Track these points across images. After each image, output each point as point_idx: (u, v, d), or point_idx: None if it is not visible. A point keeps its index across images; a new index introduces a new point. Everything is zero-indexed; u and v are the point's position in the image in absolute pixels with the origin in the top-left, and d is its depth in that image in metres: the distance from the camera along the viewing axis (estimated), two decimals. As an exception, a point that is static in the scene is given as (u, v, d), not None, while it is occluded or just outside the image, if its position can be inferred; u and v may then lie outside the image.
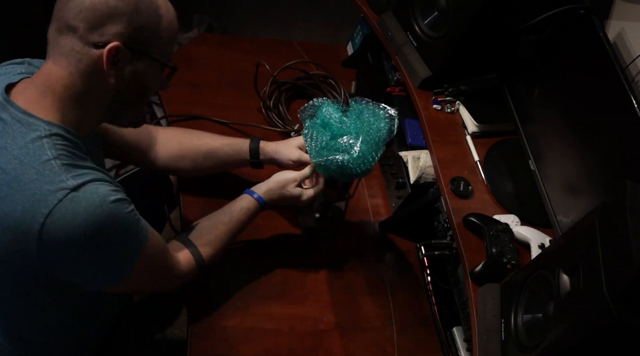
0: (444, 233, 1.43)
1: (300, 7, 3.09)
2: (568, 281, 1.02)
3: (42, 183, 0.91)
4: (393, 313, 1.43)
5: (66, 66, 0.98)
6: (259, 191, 1.31)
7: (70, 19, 0.95)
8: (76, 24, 0.95)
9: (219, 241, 1.25)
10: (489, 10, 1.38)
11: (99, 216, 0.93)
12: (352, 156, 1.23)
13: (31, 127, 0.95)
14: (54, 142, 0.94)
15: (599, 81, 1.25)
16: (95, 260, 0.98)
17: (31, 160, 0.92)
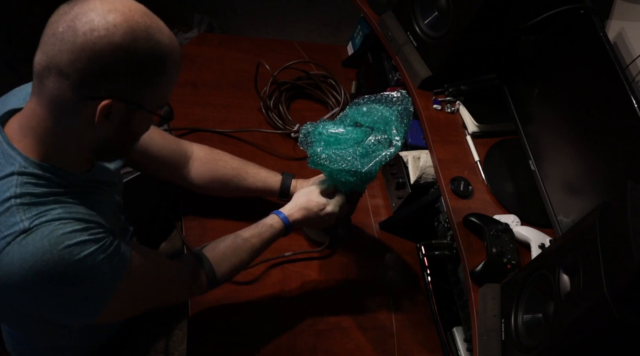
0: (444, 233, 1.43)
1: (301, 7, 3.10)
2: (568, 281, 1.02)
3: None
4: (393, 313, 1.43)
5: (51, 110, 0.89)
6: (284, 210, 1.28)
7: (64, 65, 0.84)
8: (70, 72, 0.84)
9: (235, 257, 1.21)
10: (489, 10, 1.38)
11: (47, 262, 0.87)
12: (397, 146, 1.22)
13: (9, 160, 0.90)
14: (24, 180, 0.89)
15: (599, 81, 1.25)
16: (54, 303, 0.93)
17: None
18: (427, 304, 1.45)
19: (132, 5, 0.86)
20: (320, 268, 1.45)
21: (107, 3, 0.85)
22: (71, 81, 0.85)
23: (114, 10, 0.84)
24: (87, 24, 0.83)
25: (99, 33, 0.83)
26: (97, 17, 0.83)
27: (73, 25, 0.84)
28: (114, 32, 0.83)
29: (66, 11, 0.86)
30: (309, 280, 1.42)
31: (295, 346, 1.31)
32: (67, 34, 0.84)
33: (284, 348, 1.30)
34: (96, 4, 0.84)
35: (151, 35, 0.86)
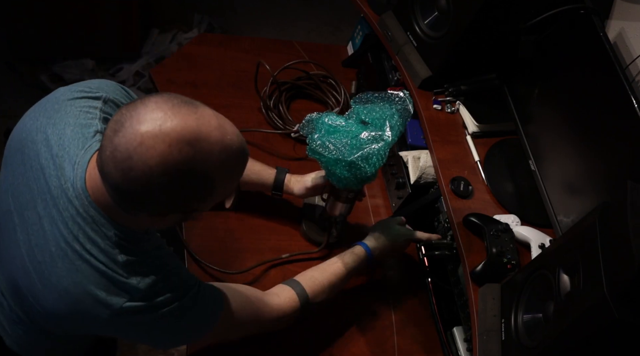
0: (444, 233, 1.43)
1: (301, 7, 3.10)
2: (568, 281, 1.02)
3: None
4: (393, 313, 1.43)
5: (113, 204, 0.93)
6: (366, 241, 1.36)
7: (110, 185, 0.88)
8: (116, 193, 0.88)
9: (323, 277, 1.27)
10: (489, 10, 1.38)
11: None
12: (387, 142, 1.23)
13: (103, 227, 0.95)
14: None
15: (599, 80, 1.25)
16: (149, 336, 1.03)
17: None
18: (427, 304, 1.45)
19: (175, 136, 0.83)
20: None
21: (147, 138, 0.82)
22: (121, 201, 0.89)
23: (152, 148, 0.82)
24: (125, 162, 0.83)
25: (136, 174, 0.83)
26: (136, 157, 0.82)
27: (114, 158, 0.84)
28: (151, 174, 0.83)
29: (110, 136, 0.85)
30: (309, 280, 1.42)
31: (296, 347, 1.31)
32: (113, 161, 0.84)
33: (284, 348, 1.30)
34: (136, 138, 0.83)
35: (193, 166, 0.85)
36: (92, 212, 0.93)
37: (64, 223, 0.94)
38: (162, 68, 1.74)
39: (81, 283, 0.94)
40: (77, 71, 2.50)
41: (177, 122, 0.83)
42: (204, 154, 0.85)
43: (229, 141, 0.88)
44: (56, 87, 1.03)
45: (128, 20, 2.52)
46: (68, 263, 0.94)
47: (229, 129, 0.90)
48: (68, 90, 1.04)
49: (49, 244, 0.95)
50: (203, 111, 0.87)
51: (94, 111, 1.02)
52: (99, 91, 1.05)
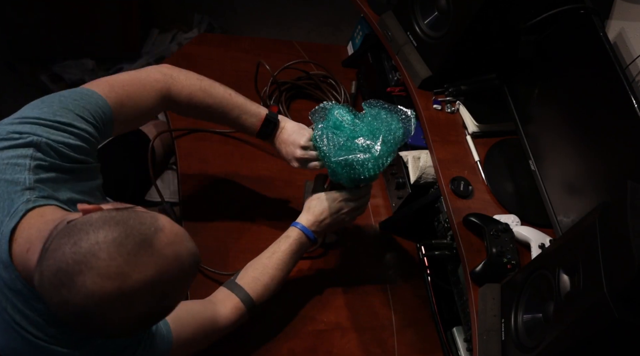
0: (444, 233, 1.43)
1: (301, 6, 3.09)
2: (568, 281, 1.02)
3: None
4: (393, 313, 1.43)
5: None
6: (300, 220, 1.30)
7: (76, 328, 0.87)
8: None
9: (265, 276, 1.23)
10: (489, 10, 1.38)
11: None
12: (374, 155, 1.21)
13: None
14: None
15: (599, 80, 1.25)
16: None
17: None
18: (427, 304, 1.45)
19: (137, 293, 0.80)
20: (320, 268, 1.45)
21: (107, 300, 0.78)
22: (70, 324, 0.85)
23: (113, 310, 0.79)
24: (80, 315, 0.79)
25: (93, 325, 0.81)
26: (93, 314, 0.79)
27: (65, 309, 0.80)
28: (112, 325, 0.81)
29: (57, 286, 0.79)
30: (309, 280, 1.42)
31: (296, 347, 1.31)
32: (63, 311, 0.80)
33: (284, 348, 1.30)
34: (93, 298, 0.78)
35: (157, 308, 0.84)
36: (19, 286, 0.89)
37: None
38: (162, 68, 1.74)
39: (15, 350, 0.92)
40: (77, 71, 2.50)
41: (136, 277, 0.79)
42: (166, 293, 0.83)
43: (188, 268, 0.86)
44: (56, 87, 1.02)
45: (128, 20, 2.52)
46: (2, 329, 0.92)
47: (184, 253, 0.85)
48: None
49: None
50: (159, 243, 0.82)
51: (23, 162, 0.92)
52: (29, 135, 0.94)
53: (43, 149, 0.94)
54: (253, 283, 1.22)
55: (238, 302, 1.20)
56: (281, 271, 1.26)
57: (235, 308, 1.20)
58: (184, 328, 1.09)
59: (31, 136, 0.93)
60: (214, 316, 1.17)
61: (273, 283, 1.24)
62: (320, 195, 1.31)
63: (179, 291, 0.87)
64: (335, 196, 1.30)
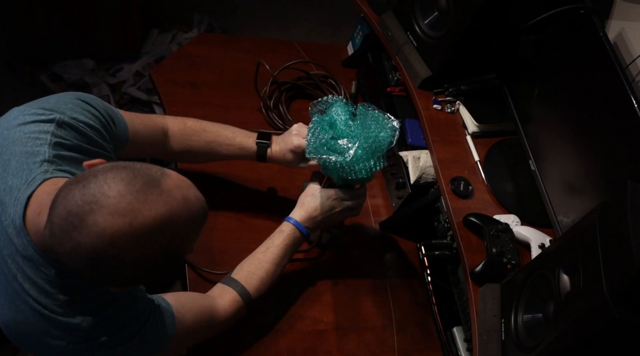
0: (444, 233, 1.43)
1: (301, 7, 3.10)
2: (568, 281, 1.02)
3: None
4: (393, 313, 1.43)
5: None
6: (293, 215, 1.31)
7: (77, 268, 0.84)
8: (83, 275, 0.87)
9: (260, 270, 1.25)
10: (489, 10, 1.38)
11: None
12: (345, 160, 1.21)
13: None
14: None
15: (599, 80, 1.25)
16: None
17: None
18: (427, 304, 1.45)
19: (147, 231, 0.80)
20: (320, 268, 1.45)
21: (118, 238, 0.79)
22: (80, 277, 0.88)
23: (125, 249, 0.80)
24: (93, 259, 0.80)
25: (106, 268, 0.81)
26: (106, 255, 0.79)
27: (77, 254, 0.80)
28: (125, 266, 0.81)
29: (69, 230, 0.80)
30: (309, 280, 1.42)
31: (296, 347, 1.31)
32: (76, 256, 0.80)
33: (284, 348, 1.30)
34: (104, 237, 0.79)
35: (167, 250, 0.84)
36: (30, 251, 0.89)
37: (4, 260, 0.91)
38: (162, 68, 1.74)
39: (22, 323, 0.92)
40: (77, 70, 2.50)
41: (147, 214, 0.80)
42: (176, 235, 0.84)
43: (196, 212, 0.87)
44: (56, 87, 1.02)
45: (128, 20, 2.52)
46: (10, 300, 0.92)
47: (192, 197, 0.87)
48: (20, 113, 0.99)
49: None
50: (166, 184, 0.83)
51: (44, 137, 0.95)
52: (53, 113, 0.98)
53: (65, 127, 0.97)
54: (249, 277, 1.23)
55: (235, 295, 1.21)
56: (276, 265, 1.26)
57: (233, 301, 1.20)
58: (185, 314, 1.10)
59: (55, 113, 0.97)
60: (213, 307, 1.18)
61: (268, 276, 1.25)
62: (314, 191, 1.31)
63: (188, 237, 0.87)
64: (329, 194, 1.30)
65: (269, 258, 1.26)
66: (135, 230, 0.79)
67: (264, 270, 1.25)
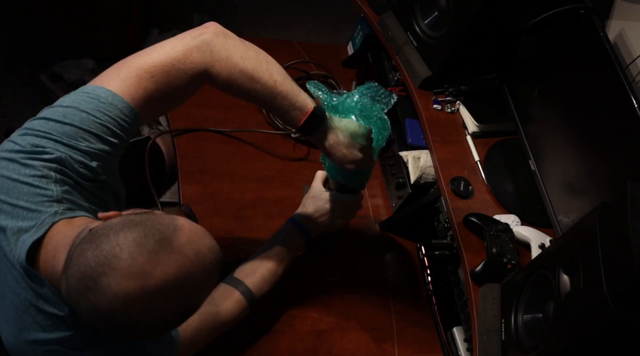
0: (444, 233, 1.43)
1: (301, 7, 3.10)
2: (568, 281, 1.02)
3: None
4: (393, 313, 1.43)
5: None
6: (295, 215, 1.31)
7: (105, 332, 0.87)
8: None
9: (262, 268, 1.25)
10: (489, 10, 1.38)
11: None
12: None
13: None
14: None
15: (599, 80, 1.25)
16: None
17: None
18: (427, 304, 1.45)
19: (160, 292, 0.80)
20: (319, 268, 1.45)
21: (132, 299, 0.79)
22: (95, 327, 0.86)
23: (140, 309, 0.79)
24: (108, 319, 0.80)
25: (122, 327, 0.81)
26: (121, 315, 0.80)
27: (93, 314, 0.81)
28: (140, 325, 0.81)
29: (83, 291, 0.80)
30: (309, 280, 1.42)
31: (296, 347, 1.31)
32: (93, 316, 0.81)
33: (284, 348, 1.30)
34: (118, 299, 0.79)
35: (182, 307, 0.84)
36: (44, 291, 0.90)
37: (16, 295, 0.91)
38: (162, 68, 1.73)
39: (32, 352, 0.93)
40: (77, 71, 2.50)
41: (158, 276, 0.79)
42: (190, 293, 0.84)
43: (209, 265, 0.86)
44: (56, 87, 0.99)
45: (128, 20, 2.52)
46: (20, 326, 0.92)
47: (205, 250, 0.85)
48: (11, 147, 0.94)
49: (6, 299, 0.93)
50: (178, 241, 0.82)
51: (49, 173, 0.92)
52: (54, 151, 0.93)
53: (67, 166, 0.94)
54: (252, 276, 1.24)
55: (238, 295, 1.21)
56: (278, 264, 1.27)
57: (236, 302, 1.21)
58: (188, 324, 1.08)
59: (56, 152, 0.93)
60: (215, 311, 1.18)
61: (271, 275, 1.25)
62: (315, 194, 1.32)
63: (202, 289, 0.87)
64: (329, 197, 1.31)
65: (271, 257, 1.26)
66: (148, 292, 0.79)
67: (266, 269, 1.25)
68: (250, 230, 1.45)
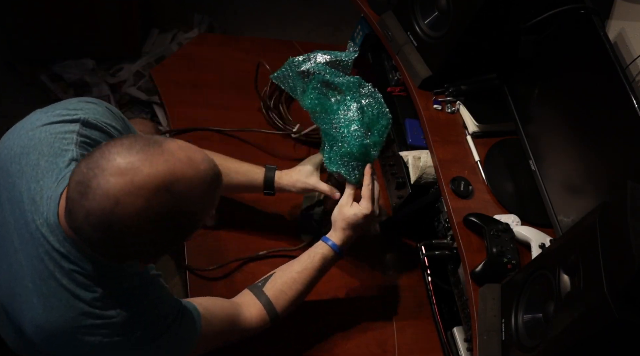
0: (444, 233, 1.43)
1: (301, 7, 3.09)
2: (568, 280, 1.02)
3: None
4: (393, 313, 1.43)
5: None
6: (332, 237, 1.28)
7: (89, 248, 0.87)
8: (101, 251, 0.87)
9: (292, 290, 1.23)
10: (489, 10, 1.38)
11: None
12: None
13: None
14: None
15: (599, 80, 1.25)
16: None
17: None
18: (427, 304, 1.45)
19: (150, 187, 0.80)
20: (320, 268, 1.45)
21: (122, 196, 0.79)
22: (103, 255, 0.88)
23: (130, 206, 0.79)
24: (103, 224, 0.81)
25: (117, 234, 0.81)
26: (114, 218, 0.80)
27: (89, 222, 0.81)
28: (134, 230, 0.81)
29: (78, 199, 0.82)
30: (309, 280, 1.42)
31: (295, 346, 1.31)
32: (89, 225, 0.82)
33: (284, 348, 1.30)
34: (109, 198, 0.80)
35: (176, 210, 0.84)
36: (67, 247, 0.91)
37: (40, 259, 0.92)
38: (162, 68, 1.74)
39: (57, 321, 0.92)
40: (77, 71, 2.50)
41: (147, 171, 0.80)
42: (183, 195, 0.83)
43: (203, 172, 0.86)
44: (56, 87, 1.01)
45: (128, 20, 2.52)
46: (44, 300, 0.92)
47: (198, 158, 0.86)
48: (44, 113, 0.99)
49: (25, 280, 0.93)
50: (168, 147, 0.84)
51: (70, 136, 0.96)
52: (77, 113, 0.99)
53: (90, 126, 0.98)
54: (280, 296, 1.22)
55: (262, 311, 1.21)
56: (308, 288, 1.26)
57: (259, 316, 1.21)
58: (212, 319, 1.10)
59: (79, 112, 0.98)
60: (238, 316, 1.18)
61: (297, 297, 1.25)
62: (342, 213, 1.28)
63: (198, 200, 0.86)
64: (354, 210, 1.28)
65: (304, 280, 1.25)
66: (138, 187, 0.79)
67: (296, 291, 1.24)
68: (250, 230, 1.45)
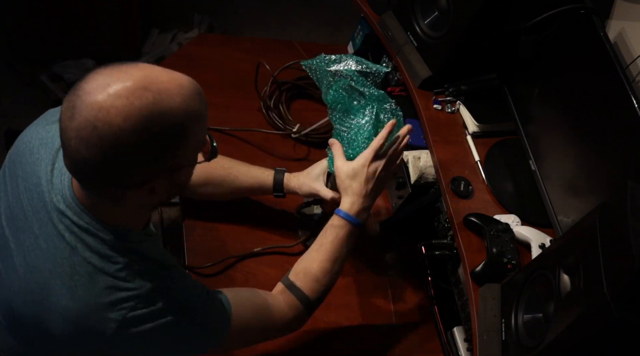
0: (444, 233, 1.43)
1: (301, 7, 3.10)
2: (568, 280, 1.02)
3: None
4: (393, 313, 1.43)
5: (102, 200, 0.92)
6: (341, 206, 1.22)
7: (87, 171, 0.86)
8: (97, 173, 0.86)
9: (314, 269, 1.18)
10: (489, 10, 1.38)
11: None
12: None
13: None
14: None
15: (599, 80, 1.25)
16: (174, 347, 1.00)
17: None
18: (427, 304, 1.45)
19: (128, 88, 0.83)
20: (320, 268, 1.45)
21: (103, 101, 0.82)
22: (103, 185, 0.88)
23: (112, 108, 0.81)
24: (92, 135, 0.82)
25: (107, 140, 0.82)
26: (100, 123, 0.81)
27: (81, 139, 0.82)
28: (121, 132, 0.82)
29: (68, 124, 0.84)
30: (309, 280, 1.42)
31: (295, 346, 1.31)
32: (82, 143, 0.83)
33: (284, 348, 1.30)
34: (93, 108, 0.82)
35: (157, 107, 0.84)
36: (86, 219, 0.92)
37: (60, 236, 0.92)
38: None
39: (81, 298, 0.92)
40: (77, 71, 2.50)
41: (124, 78, 0.83)
42: (162, 94, 0.85)
43: (180, 80, 0.89)
44: (56, 87, 1.01)
45: (128, 20, 2.52)
46: (66, 279, 0.92)
47: (175, 73, 0.90)
48: (58, 111, 0.98)
49: (46, 263, 0.93)
50: (144, 64, 0.88)
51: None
52: None
53: None
54: (304, 278, 1.18)
55: (293, 298, 1.17)
56: (332, 263, 1.19)
57: (291, 303, 1.17)
58: (242, 307, 1.08)
59: None
60: (269, 305, 1.14)
61: (323, 275, 1.19)
62: (348, 171, 1.21)
63: (177, 102, 0.86)
64: (362, 161, 1.21)
65: (323, 256, 1.19)
66: (117, 91, 0.82)
67: (320, 269, 1.18)
68: (250, 229, 1.46)
